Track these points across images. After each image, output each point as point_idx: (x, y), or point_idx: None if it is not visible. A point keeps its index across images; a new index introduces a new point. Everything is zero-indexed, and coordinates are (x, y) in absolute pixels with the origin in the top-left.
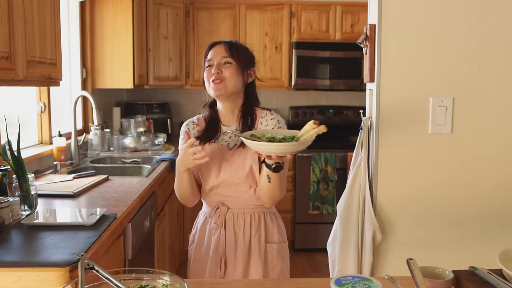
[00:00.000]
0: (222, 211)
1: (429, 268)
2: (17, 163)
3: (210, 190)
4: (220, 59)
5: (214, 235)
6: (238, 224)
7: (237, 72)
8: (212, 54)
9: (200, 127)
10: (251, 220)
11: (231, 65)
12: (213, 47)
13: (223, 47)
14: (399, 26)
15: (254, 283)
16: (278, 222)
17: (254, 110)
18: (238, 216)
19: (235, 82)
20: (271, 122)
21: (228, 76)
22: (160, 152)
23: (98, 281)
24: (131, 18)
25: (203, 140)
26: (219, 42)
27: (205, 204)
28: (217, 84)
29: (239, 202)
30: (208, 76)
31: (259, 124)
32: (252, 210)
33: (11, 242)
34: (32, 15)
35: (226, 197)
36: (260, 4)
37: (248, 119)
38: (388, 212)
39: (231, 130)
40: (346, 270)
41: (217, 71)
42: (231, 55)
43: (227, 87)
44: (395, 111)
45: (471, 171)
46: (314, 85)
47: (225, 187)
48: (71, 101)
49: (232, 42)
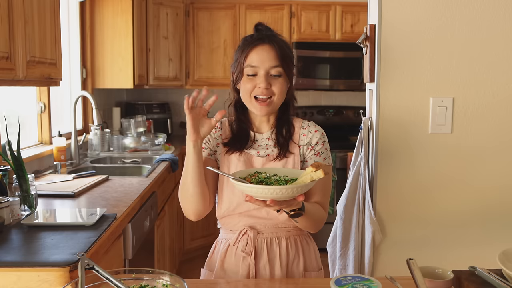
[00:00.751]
0: (251, 236)
1: (429, 268)
2: (17, 163)
3: (233, 211)
4: (269, 68)
5: (241, 266)
6: (272, 252)
7: (286, 85)
8: (258, 60)
9: (224, 132)
10: (288, 246)
11: (281, 78)
12: (257, 46)
13: (274, 51)
14: (399, 26)
15: (254, 283)
16: (313, 246)
17: (291, 119)
18: (272, 241)
19: (282, 98)
20: (316, 135)
21: (278, 93)
22: (160, 152)
23: (98, 281)
24: (131, 18)
25: (232, 149)
26: (261, 40)
27: (225, 230)
28: (263, 105)
29: (271, 225)
30: (249, 87)
31: (301, 135)
32: (286, 233)
33: (11, 242)
34: (32, 15)
35: (255, 219)
36: (260, 4)
37: (283, 129)
38: (388, 212)
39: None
40: (346, 270)
41: (266, 85)
42: (282, 63)
43: (275, 105)
44: (395, 111)
45: (470, 171)
46: (314, 85)
47: (255, 207)
48: (71, 101)
49: (281, 43)
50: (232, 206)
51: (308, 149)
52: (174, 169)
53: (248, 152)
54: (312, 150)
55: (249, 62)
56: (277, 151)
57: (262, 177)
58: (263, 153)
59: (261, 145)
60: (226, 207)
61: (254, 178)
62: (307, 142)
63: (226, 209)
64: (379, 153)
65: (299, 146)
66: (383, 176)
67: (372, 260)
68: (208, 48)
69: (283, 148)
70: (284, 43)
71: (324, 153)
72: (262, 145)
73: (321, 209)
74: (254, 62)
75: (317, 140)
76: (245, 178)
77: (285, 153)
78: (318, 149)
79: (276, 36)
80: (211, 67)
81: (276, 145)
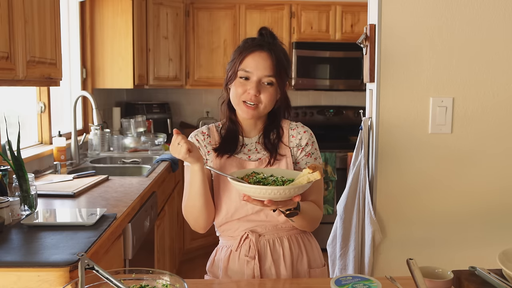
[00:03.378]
0: (253, 240)
1: (429, 268)
2: (17, 163)
3: (232, 217)
4: (262, 76)
5: (246, 270)
6: (276, 253)
7: (275, 95)
8: (253, 66)
9: (213, 138)
10: (291, 246)
11: (272, 87)
12: (255, 52)
13: (270, 60)
14: (399, 26)
15: (254, 283)
16: (315, 243)
17: (279, 122)
18: (274, 243)
19: (270, 107)
20: (305, 136)
21: (265, 101)
22: (160, 152)
23: (98, 281)
24: (131, 18)
25: (221, 153)
26: (261, 46)
27: (225, 237)
28: (250, 109)
29: (271, 226)
30: (239, 91)
31: (290, 137)
32: (287, 233)
33: (11, 242)
34: (32, 15)
35: (254, 223)
36: (260, 4)
37: (270, 133)
38: (388, 212)
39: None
40: (346, 270)
41: (255, 92)
42: (276, 74)
43: (261, 112)
44: (395, 111)
45: (471, 171)
46: (314, 85)
47: (253, 211)
48: (71, 101)
49: (278, 51)
50: (230, 212)
51: (299, 150)
52: (174, 169)
53: (239, 157)
54: (302, 152)
55: (244, 66)
56: (268, 154)
57: (259, 177)
58: (254, 157)
59: (251, 149)
60: (224, 214)
61: (252, 178)
62: (297, 144)
63: (224, 216)
64: (379, 153)
65: (290, 148)
66: (383, 176)
67: (372, 260)
68: (208, 48)
69: (272, 152)
70: (283, 53)
71: (315, 153)
72: (252, 149)
73: (316, 207)
74: (249, 67)
75: (306, 141)
76: (243, 178)
77: (275, 156)
78: (308, 150)
79: (277, 45)
80: (211, 67)
81: (265, 149)
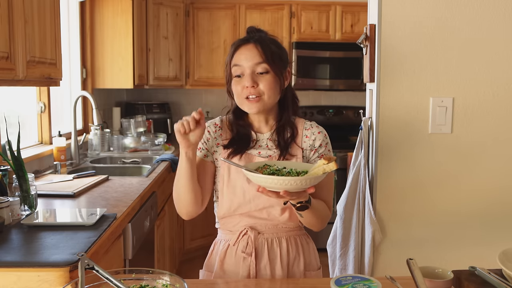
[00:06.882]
0: (251, 237)
1: (429, 268)
2: (17, 163)
3: (234, 211)
4: (253, 66)
5: (242, 267)
6: (273, 252)
7: (275, 82)
8: (242, 59)
9: (224, 131)
10: (288, 246)
11: (268, 75)
12: (240, 47)
13: (256, 48)
14: (399, 26)
15: (254, 283)
16: (312, 245)
17: (293, 119)
18: (272, 242)
19: (274, 96)
20: (319, 137)
21: (266, 90)
22: (160, 152)
23: (98, 281)
24: (131, 18)
25: (234, 151)
26: (246, 40)
27: (225, 230)
28: (253, 102)
29: (271, 226)
30: (239, 89)
31: (304, 137)
32: (287, 233)
33: (11, 242)
34: (32, 15)
35: (255, 220)
36: (260, 4)
37: (284, 131)
38: (388, 212)
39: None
40: (346, 270)
41: (251, 84)
42: (267, 59)
43: (266, 103)
44: (395, 111)
45: (471, 171)
46: (314, 85)
47: (256, 208)
48: (71, 101)
49: (263, 40)
50: (233, 206)
51: (312, 151)
52: (174, 169)
53: (249, 153)
54: (315, 153)
55: (234, 62)
56: (279, 152)
57: (273, 169)
58: (264, 153)
59: (262, 146)
60: (227, 208)
61: (265, 170)
62: (310, 145)
63: (227, 210)
64: (379, 153)
65: (302, 149)
66: (383, 176)
67: (372, 260)
68: (208, 48)
69: (283, 151)
70: (271, 40)
71: (328, 154)
72: (263, 145)
73: (326, 206)
74: (239, 61)
75: (320, 142)
76: (256, 170)
77: (285, 155)
78: (321, 151)
79: (263, 36)
80: (211, 67)
81: (277, 147)
